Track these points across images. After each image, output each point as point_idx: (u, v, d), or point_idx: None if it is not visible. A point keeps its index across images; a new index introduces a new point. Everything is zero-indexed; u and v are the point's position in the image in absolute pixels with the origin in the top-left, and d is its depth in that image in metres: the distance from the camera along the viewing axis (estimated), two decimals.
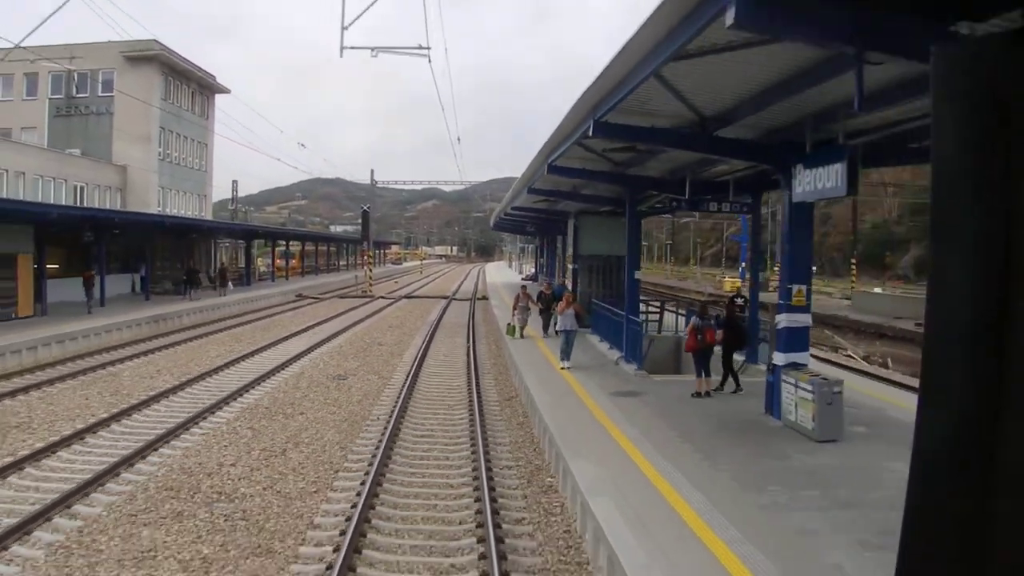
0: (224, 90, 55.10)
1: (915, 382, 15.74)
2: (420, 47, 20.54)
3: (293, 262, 62.54)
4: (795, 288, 10.18)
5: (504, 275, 70.97)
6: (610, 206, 19.74)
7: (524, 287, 24.45)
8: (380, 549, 7.55)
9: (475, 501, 8.82)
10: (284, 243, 59.39)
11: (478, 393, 14.79)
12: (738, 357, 13.47)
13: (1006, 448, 0.86)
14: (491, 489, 9.00)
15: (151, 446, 11.05)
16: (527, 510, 8.70)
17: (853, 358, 22.81)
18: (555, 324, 18.39)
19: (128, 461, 10.31)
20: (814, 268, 68.41)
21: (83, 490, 9.12)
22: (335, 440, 11.73)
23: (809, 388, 9.45)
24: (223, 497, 9.06)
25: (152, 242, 36.09)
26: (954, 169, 0.91)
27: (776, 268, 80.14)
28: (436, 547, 7.60)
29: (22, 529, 7.88)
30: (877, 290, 46.14)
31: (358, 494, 8.88)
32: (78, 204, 40.07)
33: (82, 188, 42.20)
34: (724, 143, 10.13)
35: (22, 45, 29.49)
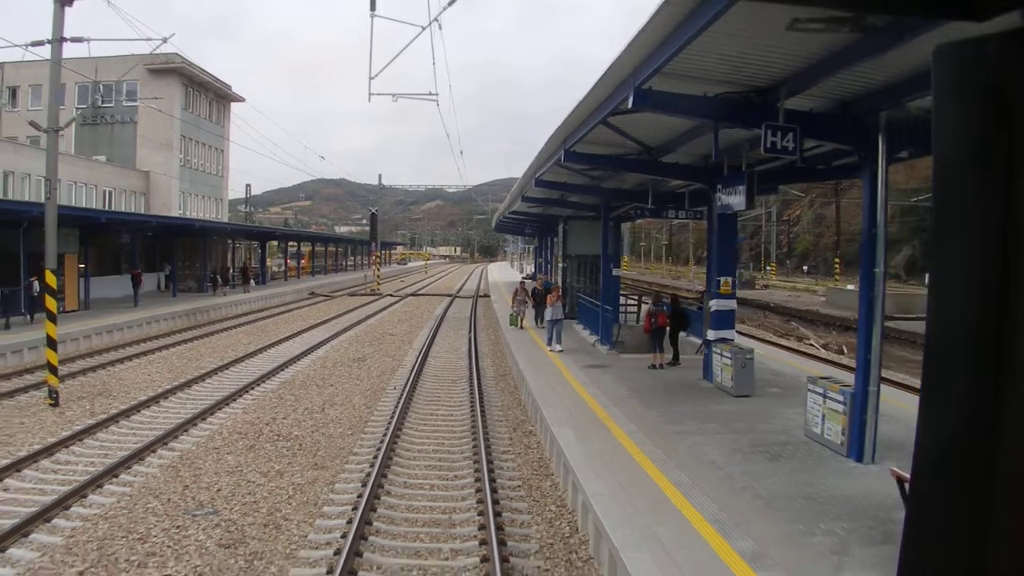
0: (239, 99, 58.11)
1: (849, 361, 18.54)
2: (431, 93, 23.85)
3: (303, 262, 65.59)
4: (722, 280, 13.07)
5: (506, 274, 73.71)
6: (593, 212, 22.64)
7: (522, 283, 27.35)
8: (402, 467, 10.41)
9: (472, 442, 11.66)
10: (296, 244, 62.33)
11: (477, 370, 17.66)
12: (696, 340, 16.32)
13: (1009, 447, 0.86)
14: (485, 434, 11.83)
15: (216, 406, 13.95)
16: (511, 445, 11.56)
17: (813, 346, 25.62)
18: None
19: (200, 416, 13.20)
20: (805, 267, 70.35)
21: (172, 434, 12.00)
22: (362, 403, 14.62)
23: (729, 356, 12.33)
24: (281, 438, 11.96)
25: (179, 243, 39.08)
26: (955, 167, 0.91)
27: (770, 267, 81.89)
28: (444, 468, 10.45)
29: (137, 456, 10.77)
30: (850, 287, 48.86)
31: (383, 437, 11.71)
32: (106, 208, 43.05)
33: (110, 193, 45.21)
34: (666, 167, 13.00)
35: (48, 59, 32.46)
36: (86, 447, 11.37)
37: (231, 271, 45.59)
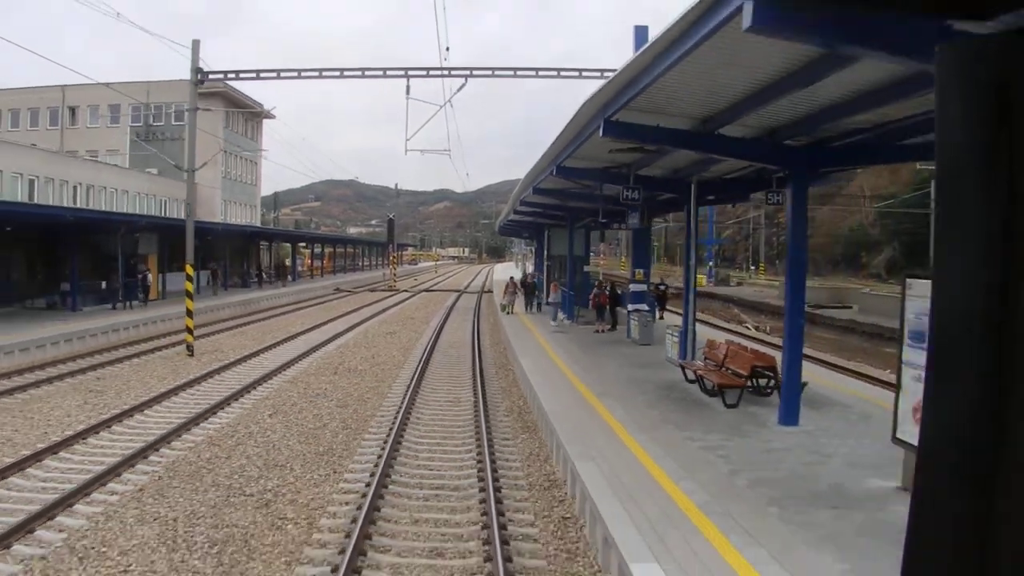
0: (270, 116, 65.04)
1: (751, 332, 25.35)
2: (446, 149, 30.44)
3: (324, 262, 72.67)
4: (637, 272, 19.85)
5: (510, 273, 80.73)
6: (564, 223, 29.48)
7: (512, 278, 34.19)
8: (430, 389, 17.18)
9: (471, 378, 18.41)
10: (321, 245, 69.41)
11: (478, 340, 24.43)
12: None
13: (1014, 444, 0.87)
14: (481, 374, 18.55)
15: (300, 356, 20.77)
16: (498, 379, 18.31)
17: (748, 328, 32.28)
18: (542, 302, 28.16)
19: (293, 361, 20.01)
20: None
21: (278, 370, 18.80)
22: (398, 357, 21.43)
23: (636, 318, 19.10)
24: (351, 371, 18.79)
25: (228, 245, 46.07)
26: (959, 166, 0.92)
27: (755, 266, 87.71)
28: (454, 390, 17.16)
29: (264, 379, 17.55)
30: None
31: (413, 374, 18.42)
32: (163, 215, 50.08)
33: (165, 201, 52.27)
34: (595, 197, 19.80)
35: (105, 82, 39.62)
36: (228, 375, 18.17)
37: (269, 269, 52.63)
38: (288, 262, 57.41)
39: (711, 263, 65.03)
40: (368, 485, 9.33)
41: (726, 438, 10.14)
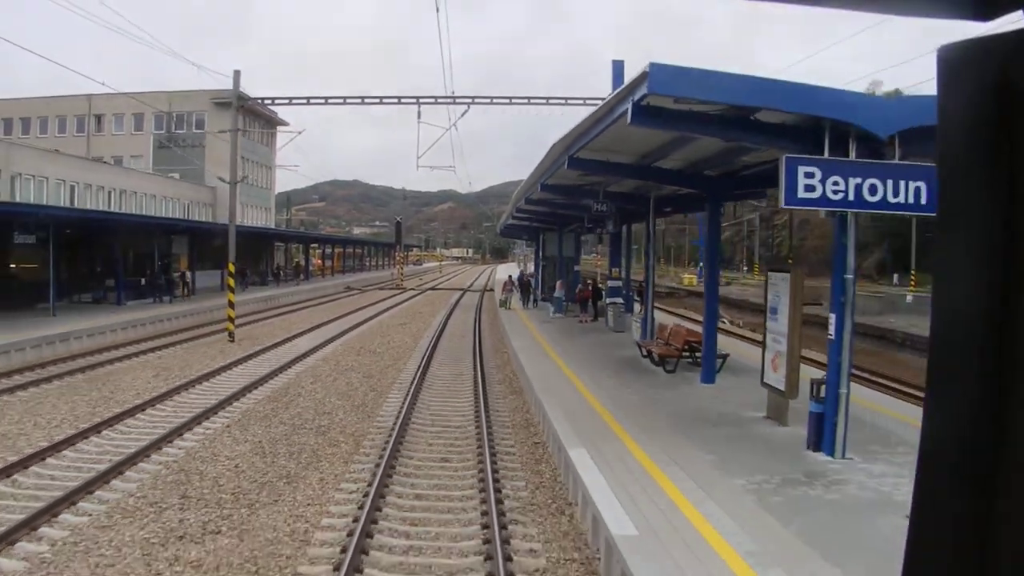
0: (283, 123, 68.82)
1: (729, 326, 28.78)
2: (451, 166, 34.11)
3: (333, 262, 76.38)
4: (613, 270, 23.35)
5: (510, 273, 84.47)
6: (555, 227, 33.06)
7: (510, 276, 37.75)
8: (438, 365, 20.70)
9: (472, 357, 21.93)
10: (332, 246, 73.09)
11: (479, 327, 27.98)
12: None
13: (1015, 446, 0.87)
14: (480, 354, 22.07)
15: (326, 342, 24.32)
16: (494, 358, 21.84)
17: (724, 322, 35.74)
18: (537, 298, 31.74)
19: (320, 346, 23.54)
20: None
21: (310, 352, 22.34)
22: (410, 342, 24.97)
23: (611, 309, 22.63)
24: (372, 352, 22.33)
25: (248, 245, 49.70)
26: (960, 167, 0.93)
27: (747, 267, 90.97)
28: (458, 366, 20.67)
29: (299, 359, 21.10)
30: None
31: (424, 355, 21.96)
32: (185, 218, 53.76)
33: (188, 204, 55.95)
34: (569, 215, 23.31)
35: (129, 92, 43.36)
36: (268, 356, 21.67)
37: (286, 268, 56.28)
38: (301, 262, 61.06)
39: (702, 263, 68.36)
40: (393, 425, 12.85)
41: (657, 392, 13.67)
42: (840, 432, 8.99)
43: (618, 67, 22.02)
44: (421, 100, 23.49)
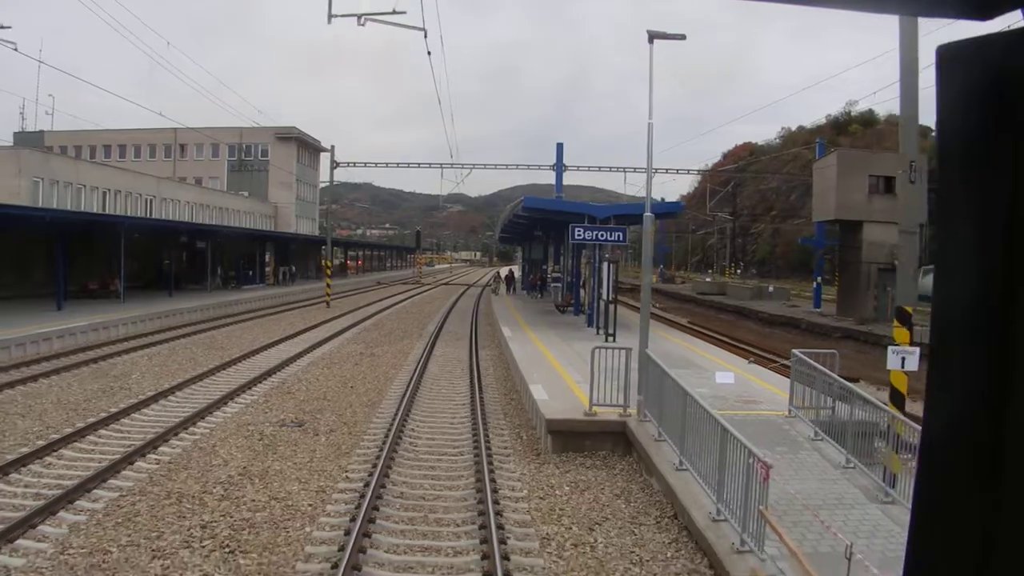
0: (325, 149, 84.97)
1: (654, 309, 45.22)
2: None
3: (359, 263, 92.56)
4: (556, 266, 39.02)
5: (505, 273, 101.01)
6: (528, 240, 48.72)
7: (498, 272, 53.69)
8: (449, 322, 36.40)
9: (471, 318, 37.53)
10: (361, 250, 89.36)
11: (477, 309, 43.70)
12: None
13: (1016, 442, 0.88)
14: (476, 317, 37.62)
15: (383, 309, 40.13)
16: (484, 319, 37.49)
17: (655, 306, 51.31)
18: (517, 288, 47.60)
19: (382, 311, 39.36)
20: (753, 271, 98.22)
21: (377, 312, 38.13)
22: (431, 311, 40.70)
23: (552, 291, 38.31)
24: (409, 314, 38.13)
25: (298, 249, 65.75)
26: (959, 168, 0.94)
27: (738, 270, 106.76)
28: (462, 321, 36.28)
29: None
30: (707, 279, 75.75)
31: (443, 317, 37.56)
32: (254, 227, 69.72)
33: (255, 217, 72.04)
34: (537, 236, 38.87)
35: (207, 127, 59.62)
36: (351, 315, 37.24)
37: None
38: (346, 262, 77.13)
39: (661, 266, 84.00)
40: (434, 331, 28.53)
41: (550, 318, 29.41)
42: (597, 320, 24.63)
43: (560, 148, 37.94)
44: (443, 166, 39.22)
